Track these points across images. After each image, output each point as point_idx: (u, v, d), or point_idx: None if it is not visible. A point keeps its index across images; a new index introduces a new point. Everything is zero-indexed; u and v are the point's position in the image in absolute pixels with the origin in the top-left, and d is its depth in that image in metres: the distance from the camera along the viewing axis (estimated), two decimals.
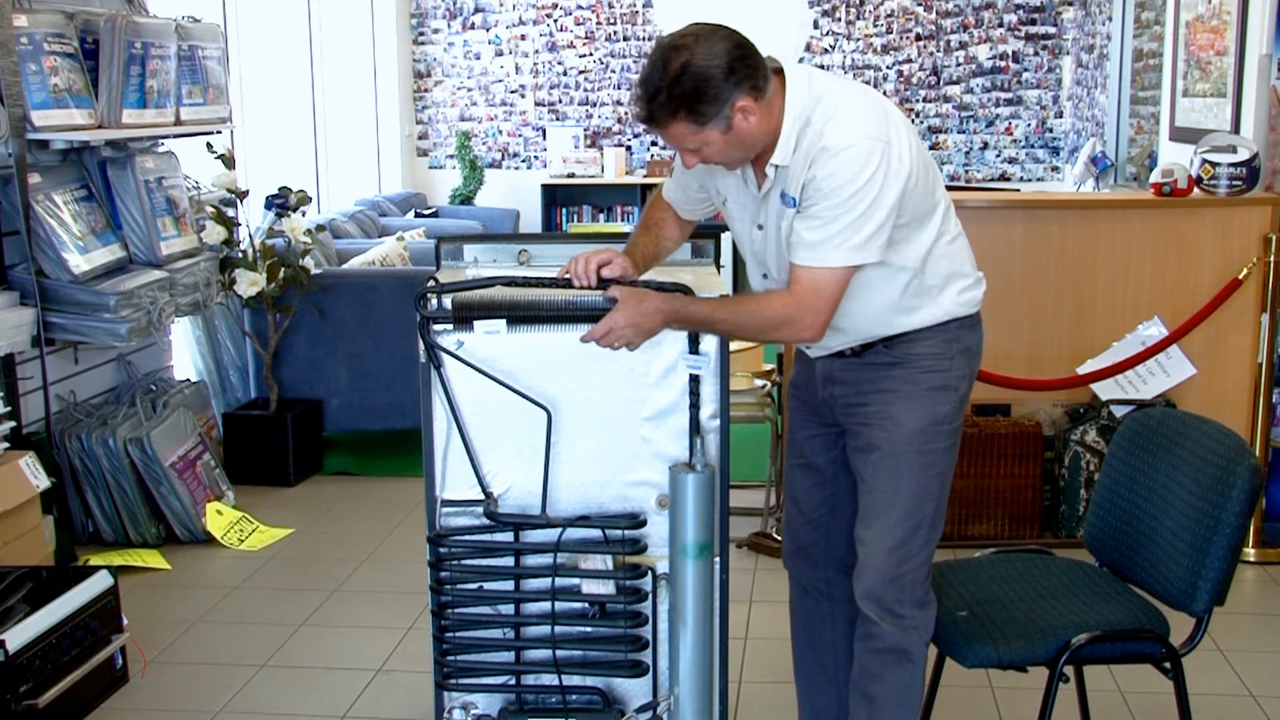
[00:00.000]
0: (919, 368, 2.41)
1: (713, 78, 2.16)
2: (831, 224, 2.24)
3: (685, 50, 2.17)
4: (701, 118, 2.19)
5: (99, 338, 4.09)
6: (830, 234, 2.24)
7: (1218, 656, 3.47)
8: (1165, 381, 4.28)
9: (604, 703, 2.65)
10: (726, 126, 2.22)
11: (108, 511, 4.34)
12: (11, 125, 3.77)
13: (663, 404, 2.54)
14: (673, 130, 2.23)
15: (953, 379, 2.43)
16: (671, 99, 2.17)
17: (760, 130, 2.26)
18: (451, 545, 2.59)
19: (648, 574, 2.58)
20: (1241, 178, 4.23)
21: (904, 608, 2.43)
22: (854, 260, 2.26)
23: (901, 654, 2.44)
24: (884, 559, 2.42)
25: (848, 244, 2.24)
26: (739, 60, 2.19)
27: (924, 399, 2.41)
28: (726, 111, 2.19)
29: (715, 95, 2.17)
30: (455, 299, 2.51)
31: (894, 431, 2.41)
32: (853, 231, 2.23)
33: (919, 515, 2.43)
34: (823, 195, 2.23)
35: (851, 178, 2.21)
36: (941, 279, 2.41)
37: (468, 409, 2.55)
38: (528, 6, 9.34)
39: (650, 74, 2.19)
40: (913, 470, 2.41)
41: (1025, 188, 8.77)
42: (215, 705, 3.25)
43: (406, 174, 9.49)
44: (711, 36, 2.19)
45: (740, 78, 2.19)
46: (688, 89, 2.16)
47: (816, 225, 2.25)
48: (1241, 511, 2.30)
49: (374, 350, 5.28)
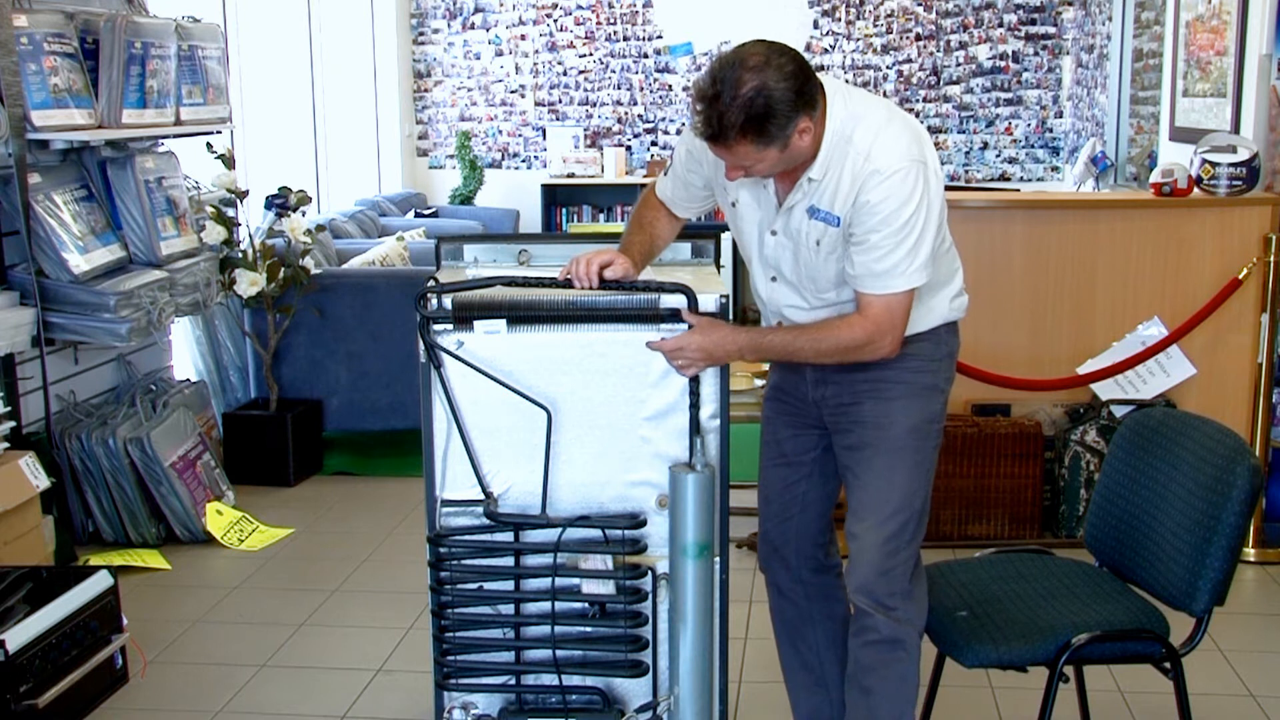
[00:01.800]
0: (911, 368, 2.47)
1: (784, 102, 2.18)
2: (894, 252, 2.30)
3: (758, 72, 2.17)
4: (768, 139, 2.21)
5: (99, 338, 4.09)
6: (895, 262, 2.31)
7: (1218, 656, 3.47)
8: (1165, 381, 4.28)
9: (604, 703, 2.65)
10: (785, 145, 2.25)
11: (108, 511, 4.34)
12: (11, 125, 3.77)
13: (663, 404, 2.54)
14: (737, 150, 2.24)
15: (941, 380, 2.51)
16: (746, 120, 2.18)
17: (812, 147, 2.30)
18: (451, 545, 2.59)
19: (648, 574, 2.58)
20: (1241, 178, 4.23)
21: (895, 599, 2.46)
22: (919, 282, 2.35)
23: (896, 644, 2.47)
24: (876, 552, 2.45)
25: (911, 268, 2.32)
26: (805, 83, 2.22)
27: (917, 398, 2.47)
28: (789, 132, 2.22)
29: (785, 119, 2.20)
30: (455, 299, 2.51)
31: (889, 429, 2.46)
32: (914, 256, 2.32)
33: (909, 510, 2.47)
34: (880, 221, 2.29)
35: (904, 201, 2.28)
36: (935, 285, 2.47)
37: (468, 409, 2.55)
38: (528, 6, 9.34)
39: (719, 92, 2.18)
40: (906, 466, 2.46)
41: (1025, 188, 8.77)
42: (215, 705, 3.25)
43: (406, 174, 9.48)
44: (779, 57, 2.20)
45: (806, 101, 2.22)
46: (759, 111, 2.17)
47: (880, 255, 2.31)
48: (1241, 511, 2.30)
49: (374, 350, 5.28)
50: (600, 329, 2.52)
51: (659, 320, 2.50)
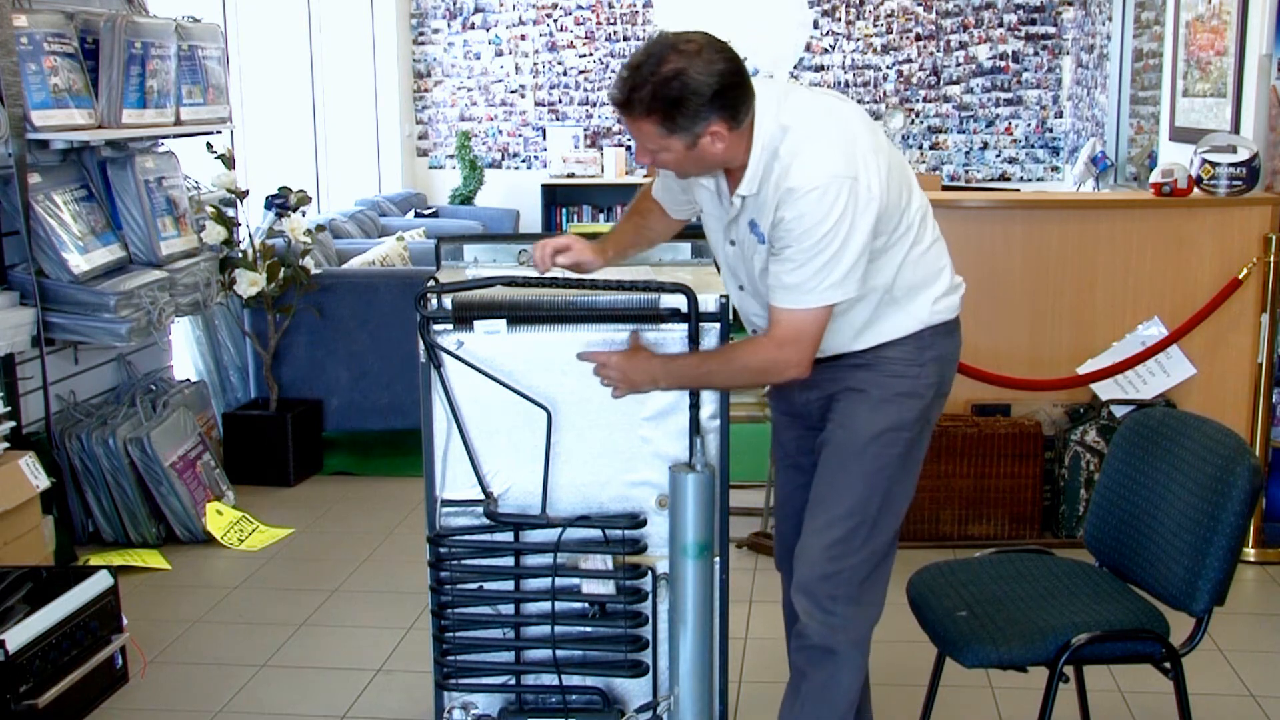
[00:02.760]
0: (888, 372, 2.40)
1: (699, 95, 2.15)
2: (805, 266, 2.22)
3: (685, 57, 2.16)
4: (673, 126, 2.19)
5: (99, 338, 4.09)
6: (805, 276, 2.23)
7: (1218, 656, 3.47)
8: (1165, 381, 4.28)
9: (604, 703, 2.65)
10: (693, 142, 2.21)
11: (108, 511, 4.34)
12: (11, 125, 3.77)
13: (663, 404, 2.54)
14: (642, 126, 2.22)
15: (921, 386, 2.41)
16: (654, 98, 2.17)
17: (724, 156, 2.26)
18: (451, 545, 2.60)
19: (648, 574, 2.58)
20: (1241, 178, 4.23)
21: (836, 604, 2.40)
22: (831, 299, 2.26)
23: (825, 652, 2.42)
24: (819, 553, 2.41)
25: (823, 284, 2.24)
26: (730, 87, 2.18)
27: (889, 404, 2.40)
28: (698, 129, 2.19)
29: (695, 112, 2.17)
30: (455, 299, 2.51)
31: (851, 432, 2.40)
32: (827, 272, 2.22)
33: (860, 516, 2.39)
34: (794, 238, 2.22)
35: (820, 219, 2.19)
36: (911, 291, 2.39)
37: (468, 409, 2.55)
38: (528, 6, 9.34)
39: (642, 63, 2.18)
40: (863, 472, 2.39)
41: (1025, 188, 8.78)
42: (215, 705, 3.25)
43: (406, 174, 9.49)
44: (714, 52, 2.18)
45: (724, 103, 2.18)
46: (672, 95, 2.16)
47: (791, 268, 2.24)
48: (1241, 511, 2.30)
49: (374, 350, 5.28)
50: (600, 329, 2.52)
51: (659, 320, 2.50)
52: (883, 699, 2.93)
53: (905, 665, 3.28)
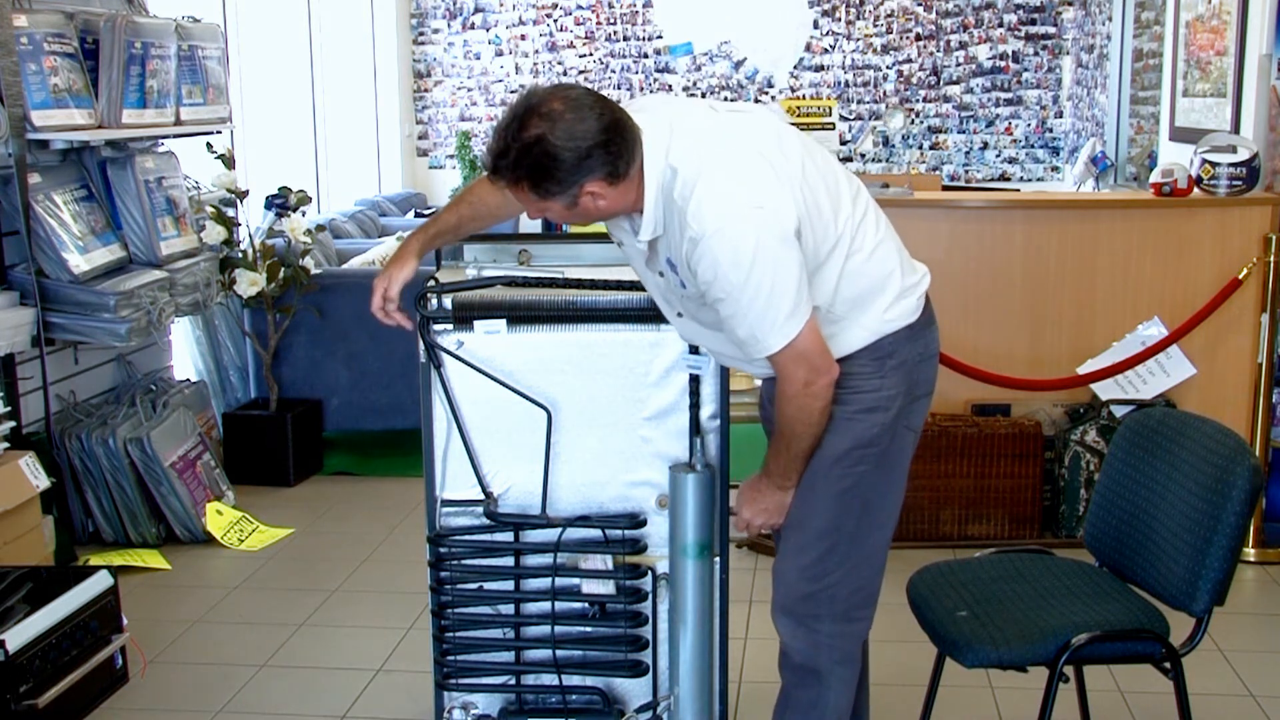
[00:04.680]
0: (847, 388, 2.25)
1: (564, 161, 2.04)
2: (748, 315, 2.10)
3: (546, 121, 2.03)
4: (545, 193, 2.08)
5: (99, 338, 4.09)
6: (754, 324, 2.11)
7: (1218, 656, 3.47)
8: (1165, 381, 4.28)
9: (604, 703, 2.65)
10: (572, 203, 2.11)
11: (108, 511, 4.34)
12: (11, 125, 3.77)
13: (663, 404, 2.54)
14: (517, 193, 2.12)
15: (883, 399, 2.27)
16: (518, 166, 2.06)
17: (612, 209, 2.15)
18: (451, 545, 2.60)
19: (648, 574, 2.59)
20: (1241, 178, 4.23)
21: (820, 623, 2.36)
22: (793, 331, 2.11)
23: (809, 673, 2.40)
24: (795, 575, 2.36)
25: (778, 321, 2.10)
26: (601, 146, 2.05)
27: (850, 422, 2.27)
28: (575, 192, 2.08)
29: (563, 178, 2.06)
30: (455, 299, 2.51)
31: (814, 453, 2.30)
32: (775, 309, 2.09)
33: (834, 536, 2.33)
34: (719, 289, 2.09)
35: (734, 261, 2.05)
36: (858, 302, 2.25)
37: (468, 409, 2.55)
38: (528, 6, 9.34)
39: (506, 128, 2.06)
40: (828, 494, 2.31)
41: (1025, 188, 8.78)
42: (215, 705, 3.25)
43: (406, 174, 9.49)
44: (582, 113, 2.04)
45: (597, 163, 2.05)
46: (535, 163, 2.05)
47: (738, 322, 2.12)
48: (1241, 511, 2.30)
49: (374, 350, 5.27)
50: (600, 329, 2.52)
51: (659, 320, 2.50)
52: (883, 699, 2.93)
53: (905, 665, 3.28)
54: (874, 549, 2.39)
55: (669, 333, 2.51)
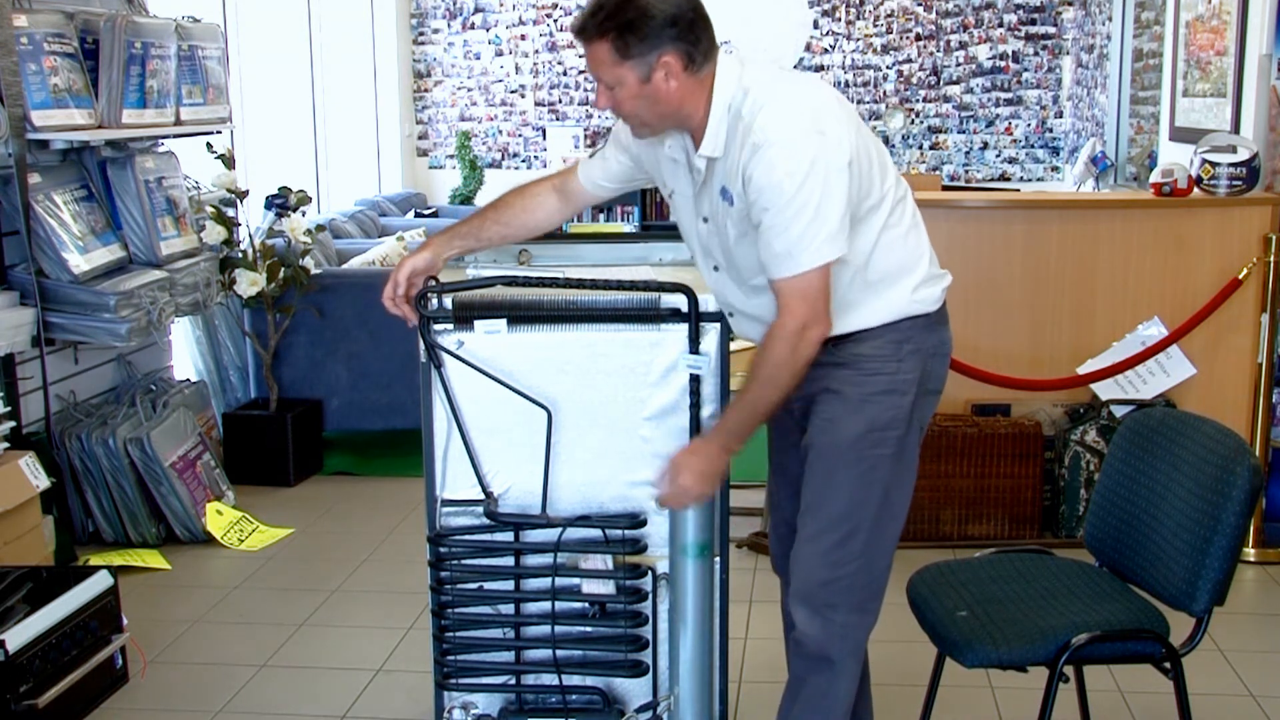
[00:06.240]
0: (864, 370, 2.32)
1: (654, 18, 2.16)
2: (790, 228, 2.17)
3: None
4: (626, 50, 2.18)
5: (99, 338, 4.09)
6: (794, 238, 2.17)
7: (1218, 656, 3.47)
8: (1165, 381, 4.28)
9: (604, 703, 2.65)
10: (646, 75, 2.20)
11: (108, 511, 4.34)
12: (11, 125, 3.77)
13: (663, 404, 2.54)
14: (596, 50, 2.21)
15: (901, 382, 2.33)
16: (609, 18, 2.18)
17: (677, 100, 2.23)
18: (451, 545, 2.60)
19: (648, 574, 2.59)
20: (1241, 178, 4.23)
21: (835, 612, 2.37)
22: (828, 255, 2.19)
23: (823, 660, 2.40)
24: (815, 559, 2.37)
25: (815, 242, 2.17)
26: (687, 22, 2.19)
27: (869, 403, 2.32)
28: (652, 59, 2.19)
29: (647, 35, 2.17)
30: (455, 299, 2.51)
31: (832, 435, 2.34)
32: (816, 228, 2.16)
33: (854, 520, 2.34)
34: (769, 198, 2.17)
35: (791, 171, 2.15)
36: (889, 274, 2.32)
37: (468, 409, 2.55)
38: (528, 6, 9.34)
39: None
40: (849, 476, 2.33)
41: (1025, 188, 8.77)
42: (215, 705, 3.25)
43: (406, 174, 9.48)
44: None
45: (679, 33, 2.18)
46: (627, 17, 2.17)
47: (777, 234, 2.18)
48: (1241, 511, 2.30)
49: (374, 350, 5.27)
50: (601, 329, 2.52)
51: (659, 320, 2.50)
52: (883, 699, 2.93)
53: (905, 665, 3.28)
54: (889, 540, 2.41)
55: (669, 332, 2.51)
